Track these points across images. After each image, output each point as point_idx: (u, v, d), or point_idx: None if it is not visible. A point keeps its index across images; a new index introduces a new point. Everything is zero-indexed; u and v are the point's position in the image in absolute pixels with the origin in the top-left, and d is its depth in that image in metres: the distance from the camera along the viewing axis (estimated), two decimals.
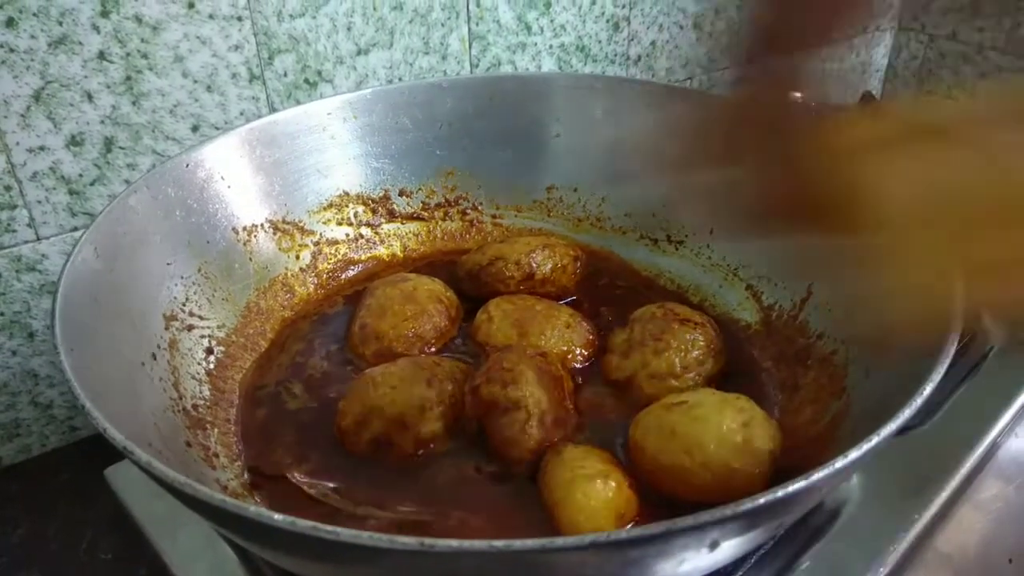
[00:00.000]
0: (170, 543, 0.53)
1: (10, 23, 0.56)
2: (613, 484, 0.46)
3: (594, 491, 0.45)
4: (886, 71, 1.31)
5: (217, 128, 0.67)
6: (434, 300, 0.62)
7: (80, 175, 0.62)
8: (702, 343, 0.56)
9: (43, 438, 0.69)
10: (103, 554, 0.58)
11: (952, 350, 0.40)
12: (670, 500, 0.47)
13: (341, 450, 0.52)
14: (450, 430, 0.52)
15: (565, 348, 0.59)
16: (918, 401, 0.37)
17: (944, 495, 0.56)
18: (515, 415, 0.49)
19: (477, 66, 0.82)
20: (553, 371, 0.54)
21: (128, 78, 0.61)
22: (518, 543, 0.30)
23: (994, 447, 0.61)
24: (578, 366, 0.59)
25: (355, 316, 0.62)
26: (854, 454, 0.34)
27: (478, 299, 0.63)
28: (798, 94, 0.43)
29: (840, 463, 0.33)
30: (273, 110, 0.69)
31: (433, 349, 0.60)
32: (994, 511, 0.58)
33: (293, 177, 0.66)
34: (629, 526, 0.46)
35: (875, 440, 0.35)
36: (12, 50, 0.56)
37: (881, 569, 0.51)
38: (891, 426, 0.35)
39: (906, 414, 0.36)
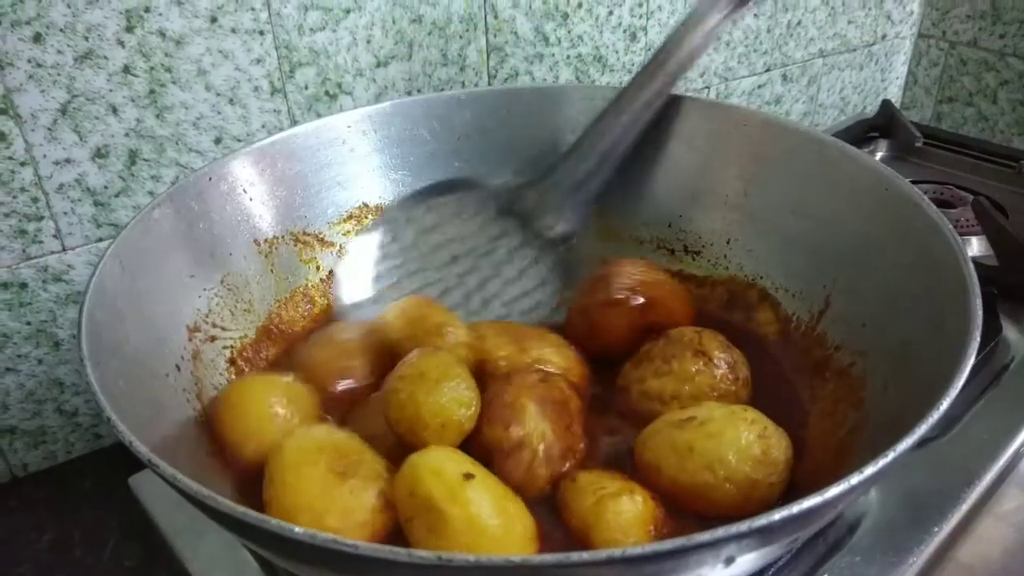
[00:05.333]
0: (192, 551, 0.54)
1: (37, 38, 0.57)
2: (639, 498, 0.45)
3: (623, 507, 0.45)
4: (906, 79, 1.30)
5: (239, 140, 0.68)
6: None
7: (105, 187, 0.63)
8: (705, 383, 0.54)
9: (68, 445, 0.70)
10: (127, 561, 0.59)
11: (970, 364, 0.39)
12: (691, 512, 0.47)
13: None
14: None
15: (565, 365, 0.56)
16: (935, 416, 0.37)
17: (965, 507, 0.56)
18: (520, 456, 0.47)
19: (495, 77, 0.82)
20: (556, 395, 0.51)
21: (152, 91, 0.62)
22: (535, 558, 0.30)
23: (1016, 458, 0.61)
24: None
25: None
26: (870, 470, 0.34)
27: None
28: None
29: (856, 479, 0.33)
30: (294, 122, 0.70)
31: None
32: (1016, 522, 0.58)
33: (314, 189, 0.66)
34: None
35: (891, 455, 0.35)
36: (40, 65, 0.57)
37: None
38: (908, 441, 0.35)
39: (923, 429, 0.36)
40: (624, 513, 0.44)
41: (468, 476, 0.42)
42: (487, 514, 0.41)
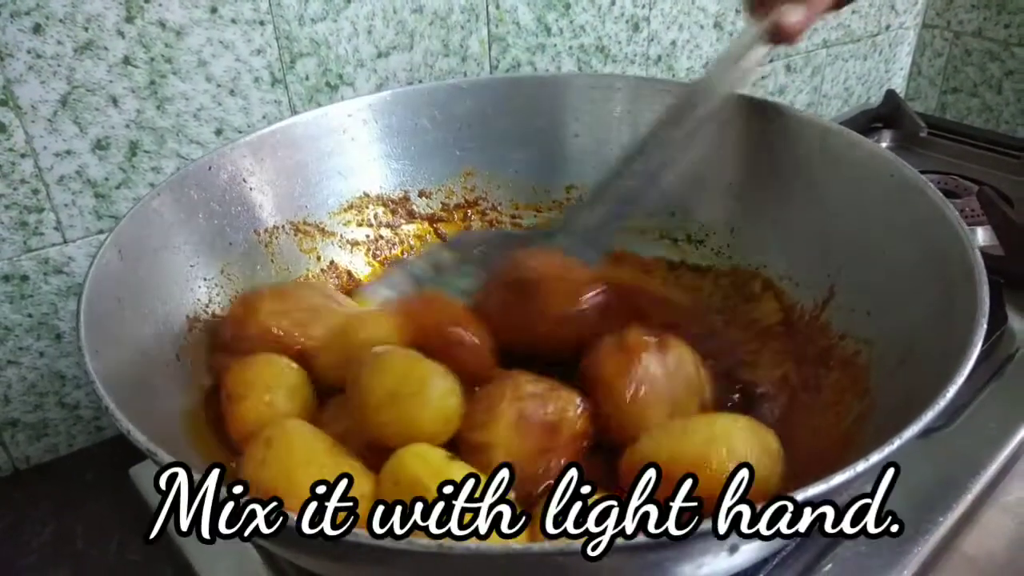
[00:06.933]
0: (195, 542, 0.54)
1: (37, 29, 0.56)
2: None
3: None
4: (910, 69, 1.30)
5: (240, 131, 0.68)
6: None
7: (106, 178, 0.63)
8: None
9: (70, 438, 0.70)
10: (130, 554, 0.59)
11: (976, 352, 0.39)
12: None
13: None
14: None
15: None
16: (941, 404, 0.37)
17: (969, 497, 0.56)
18: (477, 460, 0.44)
19: (497, 67, 0.82)
20: (547, 415, 0.46)
21: (152, 82, 0.62)
22: (536, 547, 0.30)
23: (1021, 448, 0.60)
24: None
25: None
26: (875, 457, 0.34)
27: None
28: None
29: (861, 466, 0.33)
30: (295, 113, 0.69)
31: None
32: (1022, 513, 0.57)
33: (314, 179, 0.66)
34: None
35: (896, 443, 0.34)
36: (39, 56, 0.57)
37: (905, 572, 0.51)
38: (913, 429, 0.35)
39: (928, 417, 0.36)
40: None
41: (452, 457, 0.42)
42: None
